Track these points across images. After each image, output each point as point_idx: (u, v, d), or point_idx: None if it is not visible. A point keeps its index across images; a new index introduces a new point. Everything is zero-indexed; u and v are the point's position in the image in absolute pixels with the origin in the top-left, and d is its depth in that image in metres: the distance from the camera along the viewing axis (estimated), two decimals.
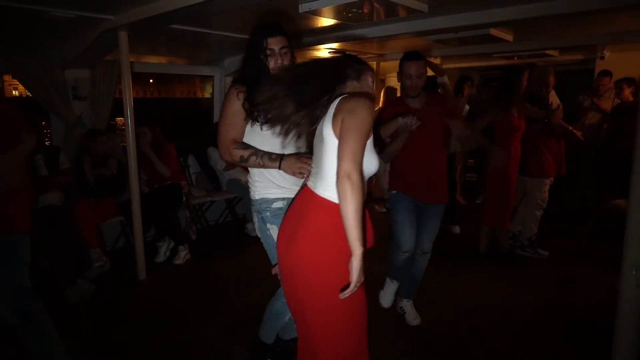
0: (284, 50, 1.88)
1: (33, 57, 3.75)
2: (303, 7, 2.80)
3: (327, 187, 1.43)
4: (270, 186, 1.94)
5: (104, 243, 3.91)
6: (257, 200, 1.97)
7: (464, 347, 2.58)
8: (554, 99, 3.97)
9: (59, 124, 4.12)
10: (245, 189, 2.42)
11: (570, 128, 3.77)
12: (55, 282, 3.19)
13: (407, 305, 2.84)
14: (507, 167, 3.54)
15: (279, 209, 1.90)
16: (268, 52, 1.85)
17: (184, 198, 4.18)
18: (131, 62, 3.50)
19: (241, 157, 1.88)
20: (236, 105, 1.87)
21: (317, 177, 1.48)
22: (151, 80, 5.02)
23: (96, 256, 3.53)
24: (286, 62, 1.89)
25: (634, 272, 1.40)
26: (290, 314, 1.96)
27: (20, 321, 2.02)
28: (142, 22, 3.02)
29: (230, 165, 4.69)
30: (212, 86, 5.38)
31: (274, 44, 1.86)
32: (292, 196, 1.83)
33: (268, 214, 1.94)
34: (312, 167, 1.57)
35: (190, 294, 3.38)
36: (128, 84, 3.39)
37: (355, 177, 1.27)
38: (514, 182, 3.66)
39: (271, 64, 1.86)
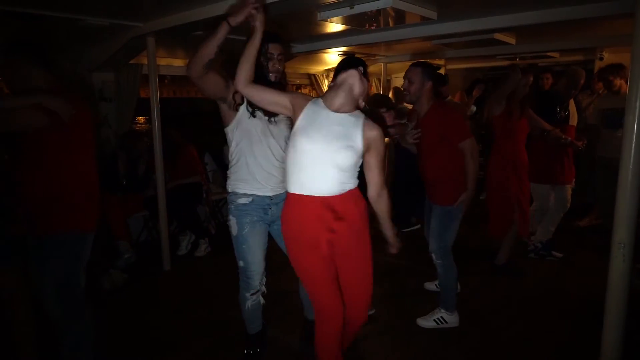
0: (280, 57, 2.09)
1: (63, 61, 3.98)
2: (321, 16, 3.02)
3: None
4: (239, 181, 2.13)
5: (131, 236, 4.14)
6: (229, 193, 2.19)
7: (463, 327, 2.81)
8: (571, 107, 3.84)
9: None
10: None
11: (569, 139, 3.63)
12: (89, 271, 3.42)
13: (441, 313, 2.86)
14: (505, 171, 3.34)
15: (243, 204, 2.10)
16: (268, 55, 2.05)
17: (204, 195, 4.42)
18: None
19: None
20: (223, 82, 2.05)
21: None
22: (165, 80, 5.16)
23: (125, 248, 3.78)
24: (281, 67, 2.12)
25: (621, 249, 1.63)
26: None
27: (63, 316, 2.06)
28: (170, 29, 3.25)
29: None
30: None
31: (274, 49, 2.07)
32: (260, 194, 2.10)
33: (232, 207, 2.14)
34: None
35: (213, 282, 3.62)
36: (155, 86, 3.62)
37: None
38: (515, 188, 3.36)
39: (270, 66, 2.07)
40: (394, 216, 2.04)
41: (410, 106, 3.48)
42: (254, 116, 2.07)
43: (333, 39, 4.38)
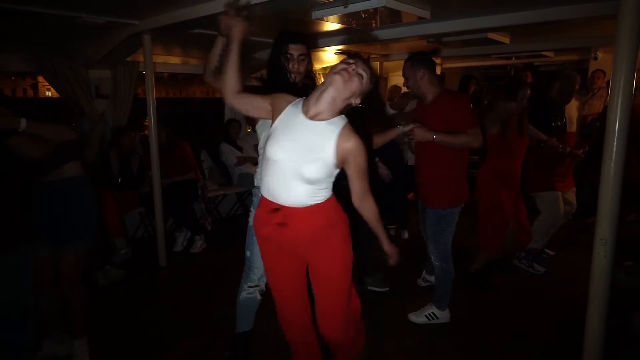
0: (301, 57, 2.12)
1: (60, 58, 4.00)
2: (316, 14, 3.06)
3: None
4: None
5: (127, 232, 4.17)
6: (255, 186, 2.25)
7: (455, 324, 2.85)
8: (571, 110, 3.63)
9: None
10: None
11: (568, 148, 3.44)
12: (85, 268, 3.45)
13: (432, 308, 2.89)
14: (496, 189, 3.23)
15: None
16: (288, 56, 2.09)
17: (200, 191, 4.46)
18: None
19: None
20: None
21: None
22: (166, 74, 5.20)
23: (121, 244, 3.81)
24: (302, 68, 2.14)
25: (603, 245, 1.68)
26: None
27: None
28: (166, 27, 3.27)
29: (242, 161, 4.96)
30: None
31: (294, 50, 2.10)
32: None
33: (255, 199, 2.21)
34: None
35: (209, 278, 3.66)
36: (151, 83, 3.64)
37: None
38: (505, 203, 3.25)
39: (290, 66, 2.11)
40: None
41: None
42: None
43: (329, 37, 4.41)
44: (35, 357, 2.38)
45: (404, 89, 5.15)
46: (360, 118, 1.86)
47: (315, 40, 4.44)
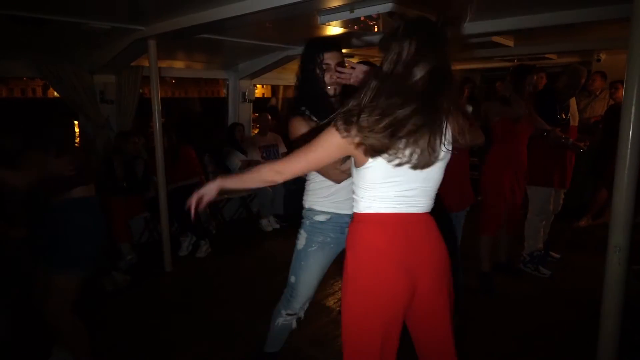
0: (339, 66, 1.85)
1: (65, 64, 4.00)
2: (322, 19, 3.06)
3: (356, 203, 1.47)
4: (320, 197, 1.95)
5: (132, 238, 4.16)
6: (305, 208, 2.01)
7: (460, 328, 2.83)
8: (572, 107, 3.68)
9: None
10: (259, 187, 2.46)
11: (570, 140, 3.44)
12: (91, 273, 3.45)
13: None
14: (500, 172, 3.31)
15: (320, 222, 1.94)
16: (324, 66, 1.85)
17: None
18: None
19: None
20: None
21: None
22: (173, 81, 5.23)
23: (127, 250, 3.80)
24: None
25: (617, 252, 1.67)
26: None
27: None
28: (171, 33, 3.28)
29: (246, 164, 4.96)
30: (227, 89, 5.62)
31: (330, 58, 1.85)
32: (339, 212, 1.90)
33: (307, 222, 1.98)
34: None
35: (215, 283, 3.66)
36: (156, 87, 3.64)
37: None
38: (507, 188, 3.33)
39: (327, 78, 1.87)
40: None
41: None
42: None
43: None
44: None
45: None
46: None
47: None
